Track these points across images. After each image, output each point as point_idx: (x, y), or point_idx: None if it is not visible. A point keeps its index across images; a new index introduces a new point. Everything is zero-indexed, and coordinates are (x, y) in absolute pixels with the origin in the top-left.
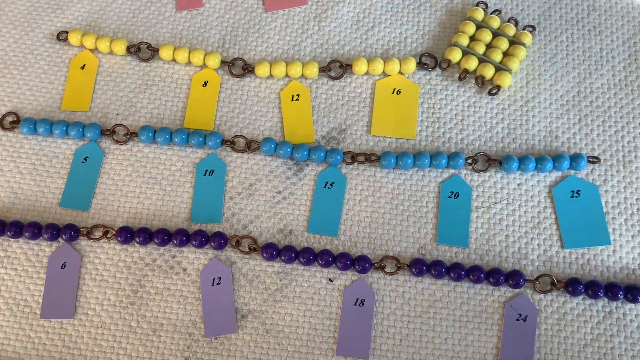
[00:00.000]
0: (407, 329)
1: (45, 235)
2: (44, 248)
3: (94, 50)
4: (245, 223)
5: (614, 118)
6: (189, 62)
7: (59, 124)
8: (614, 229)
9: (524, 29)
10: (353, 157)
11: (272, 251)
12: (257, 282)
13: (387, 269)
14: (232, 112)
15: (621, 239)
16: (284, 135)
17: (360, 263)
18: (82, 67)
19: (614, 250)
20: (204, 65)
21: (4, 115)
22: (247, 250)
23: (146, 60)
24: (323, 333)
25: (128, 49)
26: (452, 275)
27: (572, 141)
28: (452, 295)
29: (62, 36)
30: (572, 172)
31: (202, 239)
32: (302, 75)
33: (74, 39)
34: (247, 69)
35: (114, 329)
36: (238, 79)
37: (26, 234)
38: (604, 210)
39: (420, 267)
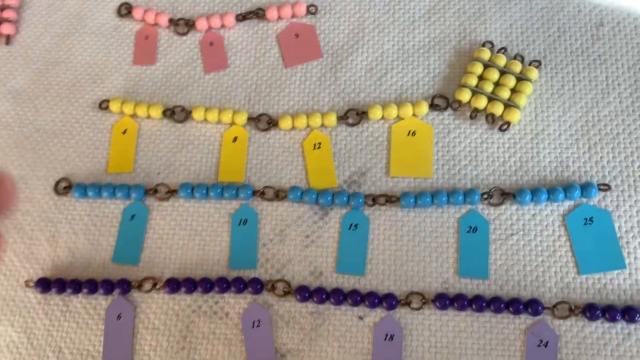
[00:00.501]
0: (434, 359)
1: (101, 290)
2: (101, 302)
3: (134, 115)
4: (278, 267)
5: (623, 144)
6: (219, 121)
7: (107, 187)
8: (628, 253)
9: (530, 64)
10: (374, 199)
11: (305, 293)
12: (293, 322)
13: (413, 305)
14: (261, 163)
15: (636, 262)
16: (308, 182)
17: (387, 300)
18: (124, 132)
19: (629, 274)
20: (232, 123)
21: (58, 182)
22: (282, 293)
23: (181, 121)
24: None
25: (164, 112)
26: (474, 307)
27: (583, 170)
28: (475, 326)
29: (104, 105)
30: (584, 200)
31: (240, 285)
32: (322, 125)
33: (114, 106)
34: (272, 123)
35: None
36: (264, 132)
37: (84, 290)
38: (618, 235)
39: (444, 301)
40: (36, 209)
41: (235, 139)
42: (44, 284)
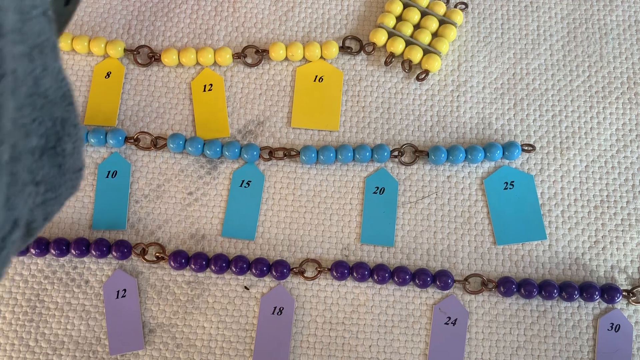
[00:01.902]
0: (328, 337)
1: None
2: None
3: None
4: (152, 229)
5: (551, 102)
6: (89, 52)
7: None
8: (549, 222)
9: (455, 6)
10: (271, 153)
11: (182, 259)
12: (166, 293)
13: (307, 274)
14: (138, 105)
15: (557, 232)
16: (195, 130)
17: (278, 269)
18: None
19: (549, 245)
20: (106, 55)
21: None
22: (154, 259)
23: None
24: (238, 346)
25: None
26: (376, 277)
27: (507, 128)
28: (376, 299)
29: None
30: (506, 161)
31: (104, 248)
32: (215, 63)
33: None
34: (154, 57)
35: (9, 349)
36: (144, 68)
37: None
38: (540, 202)
39: (342, 270)
40: None
41: (108, 75)
42: None
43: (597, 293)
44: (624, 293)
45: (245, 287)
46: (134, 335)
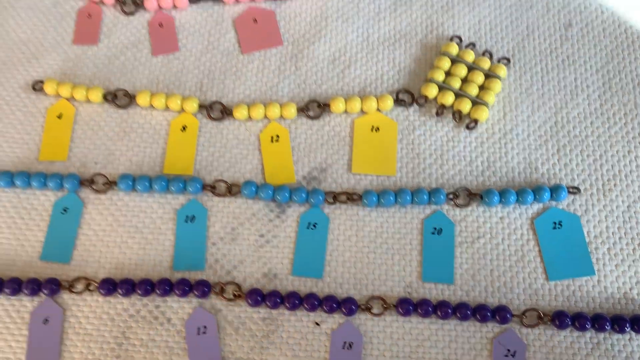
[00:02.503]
0: None
1: (26, 290)
2: (26, 303)
3: (71, 99)
4: (229, 269)
5: (591, 147)
6: (166, 108)
7: (37, 176)
8: (597, 259)
9: (498, 61)
10: (335, 197)
11: (257, 297)
12: (243, 329)
13: (374, 310)
14: (212, 156)
15: (605, 268)
16: (264, 177)
17: (346, 305)
18: (59, 117)
19: (598, 281)
20: (181, 110)
21: None
22: (231, 297)
23: (123, 107)
24: None
25: (105, 96)
26: (439, 313)
27: (552, 172)
28: (440, 334)
29: (37, 86)
30: (554, 203)
31: (185, 287)
32: (281, 116)
33: (49, 88)
34: (226, 112)
35: None
36: (217, 122)
37: (6, 289)
38: (587, 240)
39: (407, 306)
40: None
41: (184, 128)
42: None
43: None
44: None
45: (316, 323)
46: None
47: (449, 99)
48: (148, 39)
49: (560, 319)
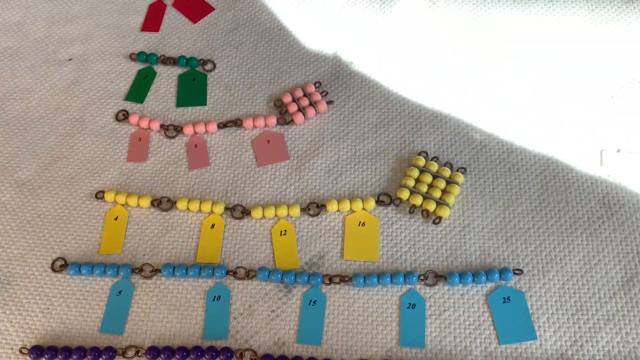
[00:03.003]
0: None
1: (89, 356)
2: None
3: (125, 204)
4: (247, 338)
5: (533, 237)
6: (200, 210)
7: (98, 265)
8: (539, 326)
9: (457, 170)
10: (330, 279)
11: None
12: None
13: None
14: (234, 247)
15: (545, 334)
16: (275, 263)
17: None
18: (116, 219)
19: (540, 344)
20: (211, 212)
21: (55, 261)
22: None
23: (166, 210)
24: None
25: (152, 202)
26: None
27: (501, 257)
28: None
29: (99, 195)
30: (503, 282)
31: (213, 353)
32: (288, 215)
33: (109, 196)
34: (245, 212)
35: None
36: (238, 220)
37: (74, 356)
38: (530, 311)
39: None
40: (33, 284)
41: (212, 226)
42: (37, 351)
43: None
44: None
45: None
46: None
47: (418, 200)
48: (186, 157)
49: None
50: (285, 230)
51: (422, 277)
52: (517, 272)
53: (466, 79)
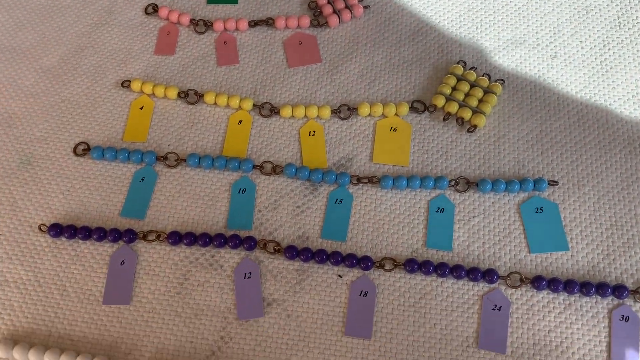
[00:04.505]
0: (402, 315)
1: (108, 238)
2: (107, 249)
3: (151, 95)
4: (271, 230)
5: (569, 151)
6: (227, 105)
7: (122, 151)
8: (571, 238)
9: (495, 82)
10: (358, 179)
11: (293, 252)
12: (280, 276)
13: (386, 267)
14: (261, 144)
15: (577, 246)
16: (302, 162)
17: (364, 262)
18: (141, 108)
19: (571, 255)
20: (239, 108)
21: (77, 144)
22: (272, 251)
23: (193, 103)
24: (334, 318)
25: (179, 94)
26: (439, 272)
27: (536, 169)
28: (439, 290)
29: (125, 84)
30: (537, 192)
31: (236, 241)
32: (318, 116)
33: (135, 86)
34: (274, 111)
35: (162, 313)
36: (266, 118)
37: (93, 236)
38: (563, 223)
39: (413, 265)
40: (55, 166)
41: (240, 122)
42: (56, 229)
43: (609, 291)
44: (631, 291)
45: (339, 275)
46: (256, 307)
47: (454, 108)
48: (214, 53)
49: (538, 282)
50: (314, 131)
51: (453, 183)
52: (552, 183)
53: None
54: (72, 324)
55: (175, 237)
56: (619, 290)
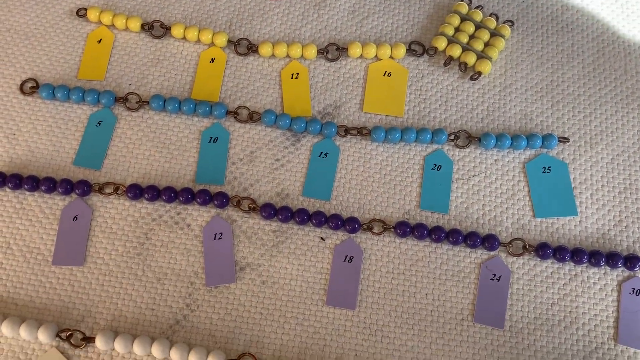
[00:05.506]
0: (391, 284)
1: (59, 189)
2: (58, 202)
3: (111, 26)
4: (245, 186)
5: (583, 105)
6: (198, 41)
7: (75, 90)
8: (580, 202)
9: (503, 23)
10: (346, 130)
11: (270, 211)
12: (255, 238)
13: (375, 230)
14: (236, 86)
15: (587, 211)
16: (283, 108)
17: (350, 224)
18: (99, 42)
19: (580, 221)
20: (211, 44)
21: (24, 81)
22: (247, 209)
23: (158, 37)
24: (314, 285)
25: (142, 26)
26: (433, 237)
27: (545, 123)
28: (432, 256)
29: (81, 12)
30: (544, 150)
31: (205, 197)
32: (302, 56)
33: (92, 15)
34: (252, 49)
35: (120, 276)
36: (243, 57)
37: (42, 187)
38: (572, 185)
39: (404, 229)
40: None
41: (212, 60)
42: None
43: (620, 261)
44: None
45: (322, 238)
46: (227, 271)
47: (456, 51)
48: None
49: (543, 250)
50: (298, 74)
51: (452, 137)
52: (562, 140)
53: None
54: (16, 287)
55: (136, 191)
56: (631, 260)
